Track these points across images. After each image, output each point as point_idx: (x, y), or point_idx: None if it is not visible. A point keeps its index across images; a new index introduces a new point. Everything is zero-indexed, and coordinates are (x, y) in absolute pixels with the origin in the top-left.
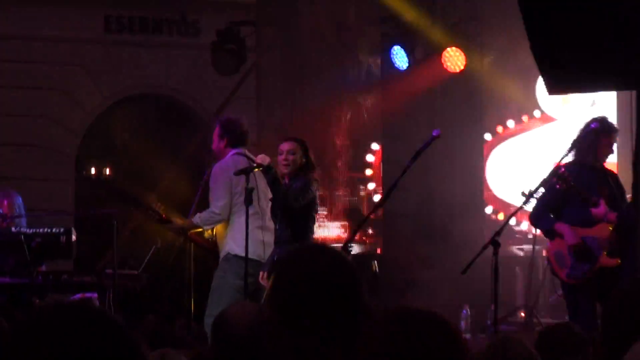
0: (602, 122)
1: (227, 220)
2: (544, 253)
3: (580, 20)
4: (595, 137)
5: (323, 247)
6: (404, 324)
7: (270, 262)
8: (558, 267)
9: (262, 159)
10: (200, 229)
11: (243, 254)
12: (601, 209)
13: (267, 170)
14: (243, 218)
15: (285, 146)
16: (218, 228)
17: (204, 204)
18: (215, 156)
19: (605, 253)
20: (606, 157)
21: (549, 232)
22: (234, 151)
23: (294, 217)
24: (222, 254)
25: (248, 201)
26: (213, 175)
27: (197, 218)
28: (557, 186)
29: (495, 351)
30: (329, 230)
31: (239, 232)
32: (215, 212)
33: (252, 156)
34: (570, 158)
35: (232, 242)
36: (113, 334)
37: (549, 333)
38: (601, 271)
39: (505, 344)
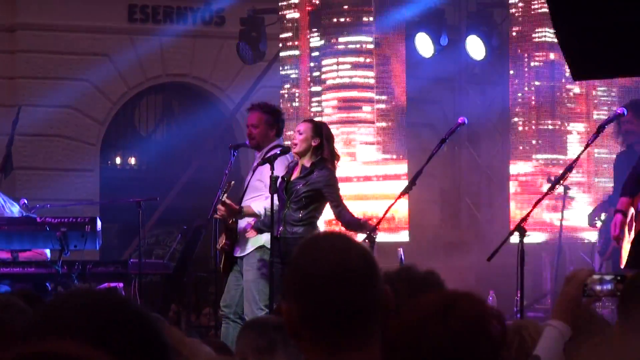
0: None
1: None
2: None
3: (604, 8)
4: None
5: (338, 234)
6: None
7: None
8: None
9: None
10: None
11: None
12: None
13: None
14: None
15: (297, 127)
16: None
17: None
18: (257, 143)
19: None
20: None
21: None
22: (277, 142)
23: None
24: (253, 246)
25: (273, 189)
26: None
27: (262, 209)
28: None
29: (513, 337)
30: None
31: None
32: None
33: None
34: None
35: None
36: (134, 322)
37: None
38: None
39: (520, 329)
